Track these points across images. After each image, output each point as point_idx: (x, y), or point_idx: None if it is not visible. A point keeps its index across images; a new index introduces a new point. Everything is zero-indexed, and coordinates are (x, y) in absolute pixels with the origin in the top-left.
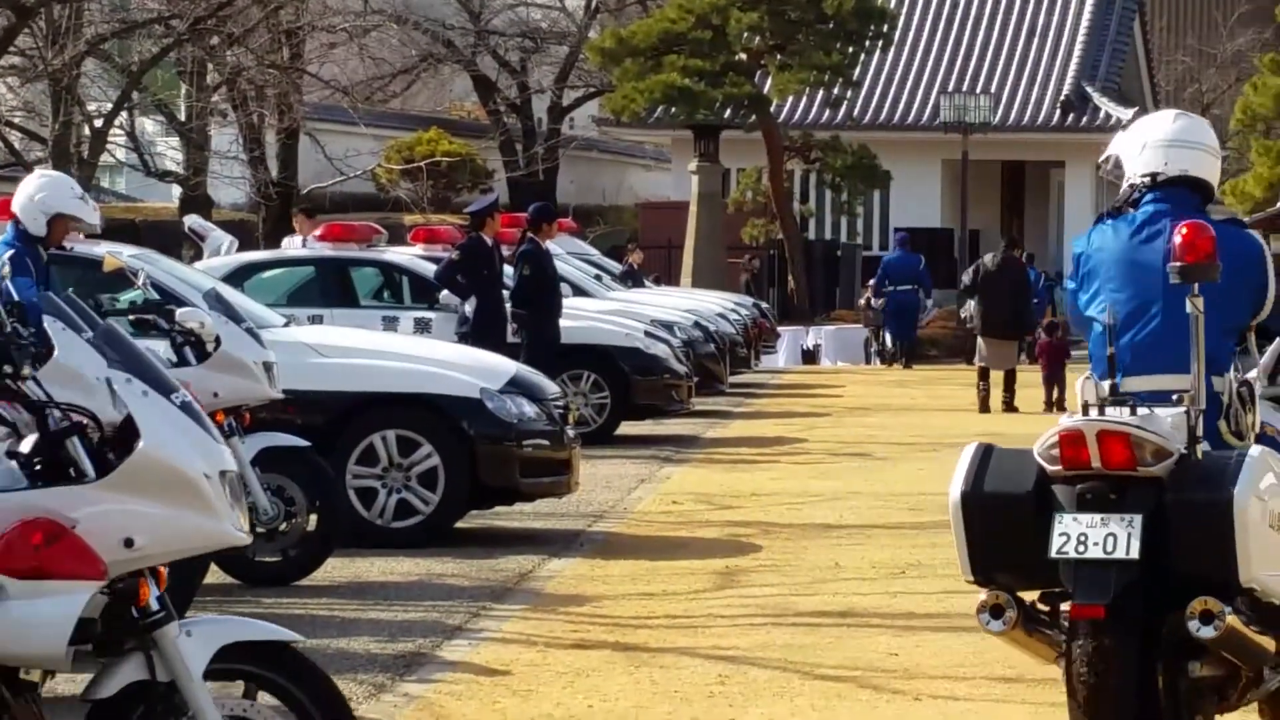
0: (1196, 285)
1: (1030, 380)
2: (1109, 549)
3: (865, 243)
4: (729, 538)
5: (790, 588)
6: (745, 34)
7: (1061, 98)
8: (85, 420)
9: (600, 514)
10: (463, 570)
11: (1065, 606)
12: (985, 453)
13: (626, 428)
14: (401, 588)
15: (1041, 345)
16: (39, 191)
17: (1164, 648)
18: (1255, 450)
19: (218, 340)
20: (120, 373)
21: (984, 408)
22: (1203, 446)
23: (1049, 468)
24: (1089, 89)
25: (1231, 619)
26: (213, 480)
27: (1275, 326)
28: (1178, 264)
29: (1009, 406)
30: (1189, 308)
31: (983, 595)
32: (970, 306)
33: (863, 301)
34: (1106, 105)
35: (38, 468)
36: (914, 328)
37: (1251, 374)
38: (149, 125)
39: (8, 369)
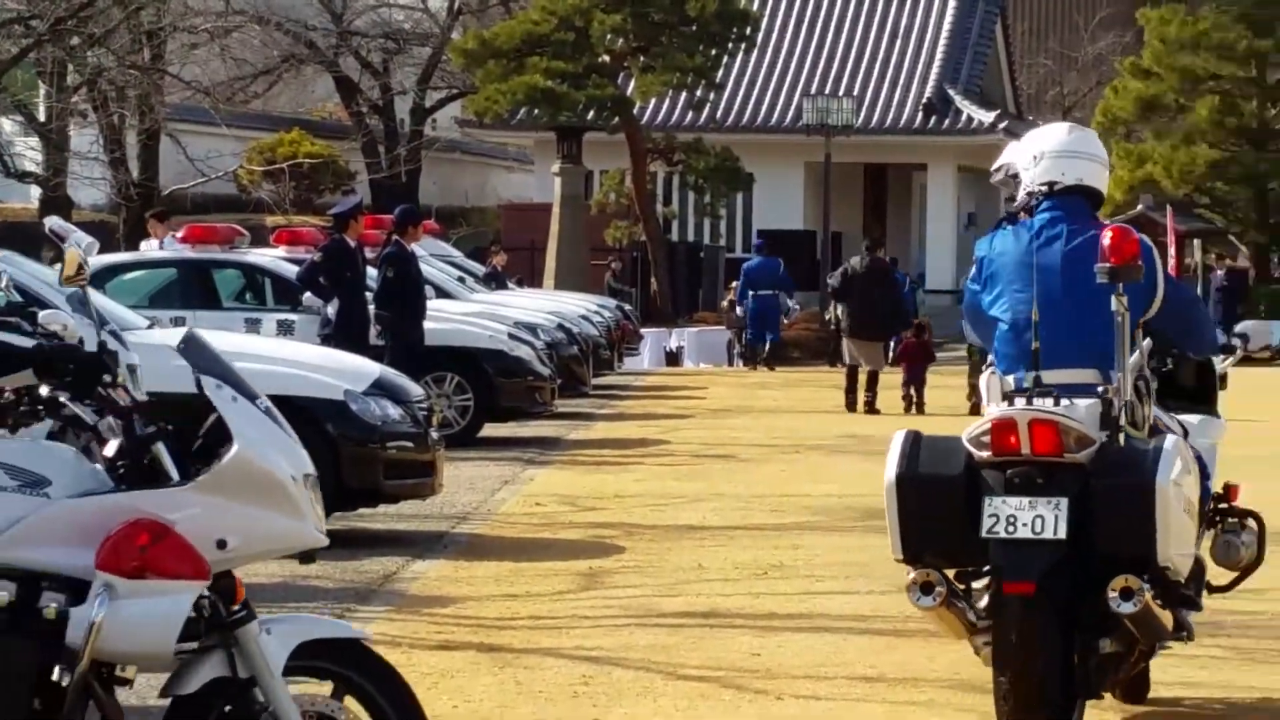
0: (1121, 285)
1: (889, 382)
2: (1037, 529)
3: (728, 245)
4: (592, 539)
5: (654, 588)
6: (608, 36)
7: (924, 100)
8: (169, 425)
9: (464, 515)
10: (326, 572)
11: (978, 585)
12: (915, 439)
13: (490, 430)
14: (265, 589)
15: (905, 346)
16: None
17: (1081, 625)
18: (1170, 440)
19: (81, 342)
20: (211, 378)
21: (851, 408)
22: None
23: (978, 454)
24: (951, 92)
25: (1148, 596)
26: (298, 482)
27: (1159, 325)
28: (1106, 265)
29: (870, 407)
30: (1114, 305)
31: (912, 573)
32: (837, 308)
33: (725, 303)
34: (968, 108)
35: (121, 471)
36: (777, 330)
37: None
38: (8, 125)
39: (106, 377)
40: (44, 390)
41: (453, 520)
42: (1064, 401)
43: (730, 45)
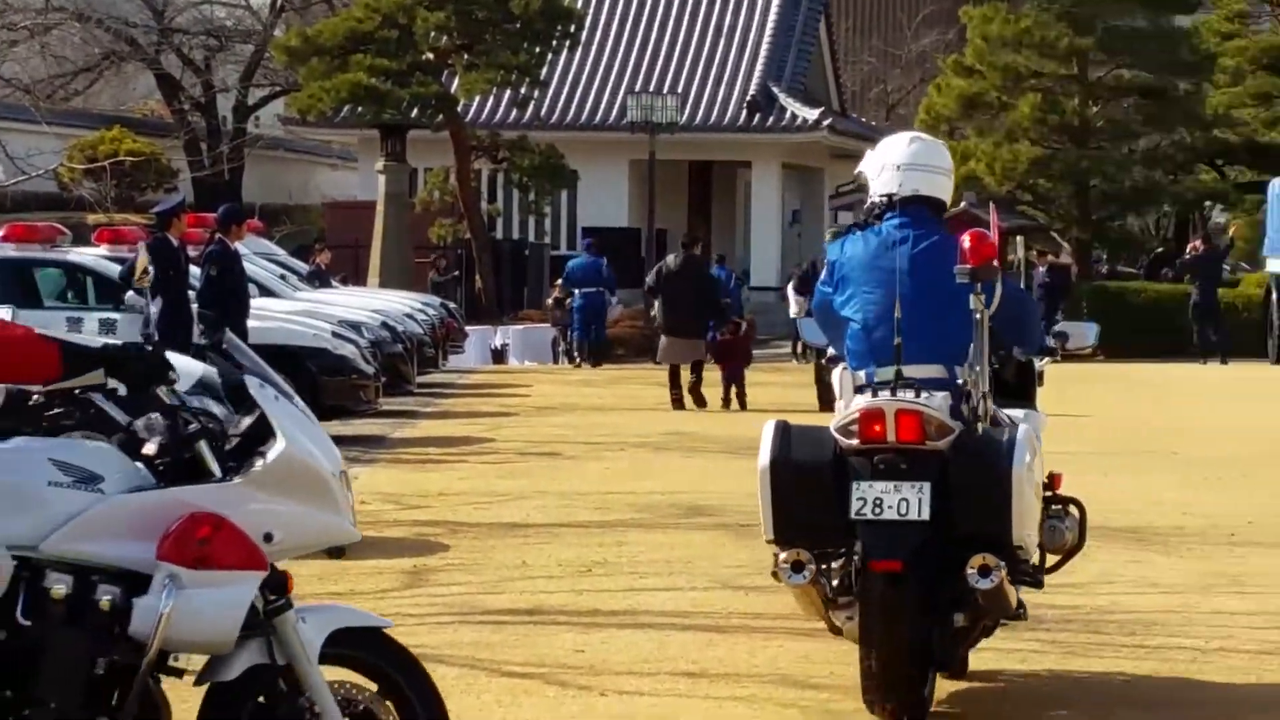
0: (980, 285)
1: (712, 379)
2: (903, 511)
3: (553, 242)
4: (416, 537)
5: (478, 586)
6: (432, 33)
7: (748, 98)
8: (213, 424)
9: None
10: None
11: (835, 565)
12: (785, 428)
13: None
14: None
15: (721, 345)
16: None
17: (938, 602)
18: (1022, 430)
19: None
20: (254, 378)
21: (677, 405)
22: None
23: (845, 441)
24: (775, 89)
25: (1004, 573)
26: (336, 478)
27: (996, 323)
28: (966, 267)
29: (695, 391)
30: (973, 304)
31: (784, 553)
32: (654, 306)
33: (550, 301)
34: (793, 106)
35: (161, 468)
36: (602, 328)
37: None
38: None
39: (171, 375)
40: (77, 391)
41: None
42: (924, 394)
43: (554, 43)
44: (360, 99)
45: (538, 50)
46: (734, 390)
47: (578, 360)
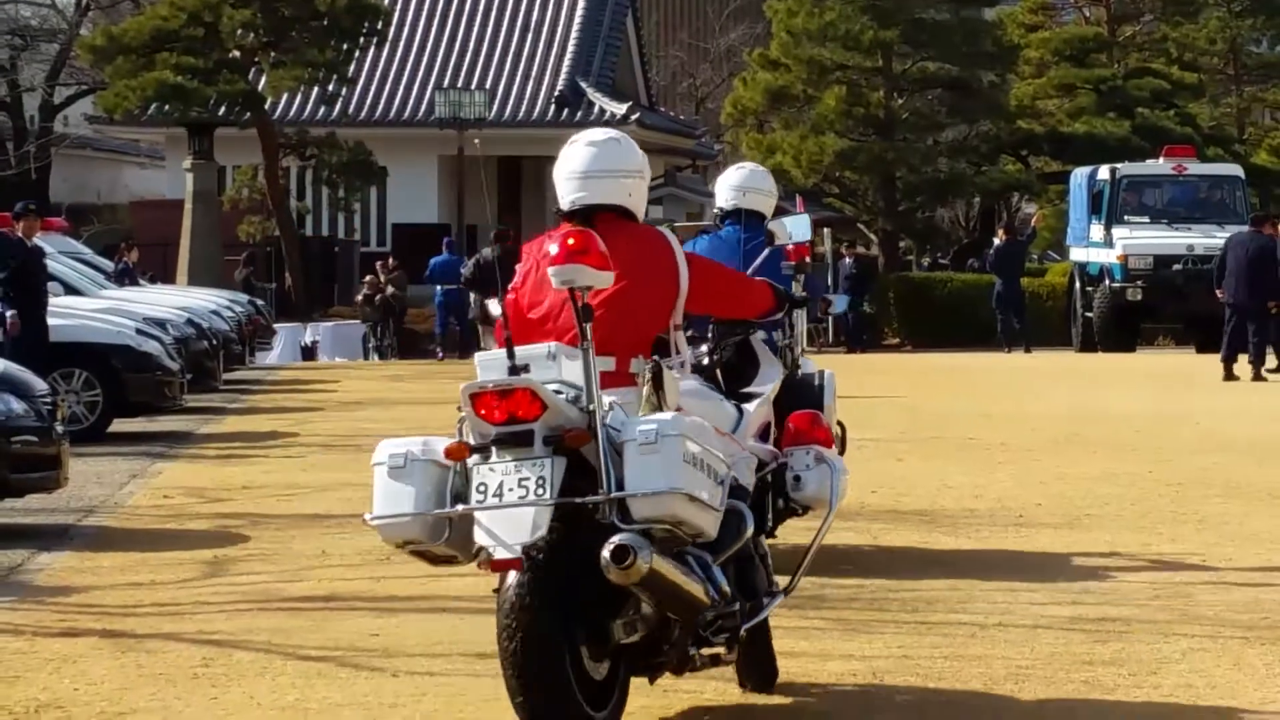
0: (804, 277)
1: None
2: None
3: (363, 239)
4: (219, 529)
5: (277, 575)
6: (238, 31)
7: (556, 93)
8: None
9: (91, 509)
10: None
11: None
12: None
13: (120, 425)
14: None
15: None
16: None
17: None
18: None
19: None
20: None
21: None
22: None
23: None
24: (583, 84)
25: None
26: None
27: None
28: (790, 264)
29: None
30: (795, 289)
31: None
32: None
33: (360, 298)
34: (601, 100)
35: None
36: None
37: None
38: None
39: None
40: None
41: (80, 513)
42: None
43: (362, 39)
44: (167, 97)
45: (345, 47)
46: None
47: (440, 355)
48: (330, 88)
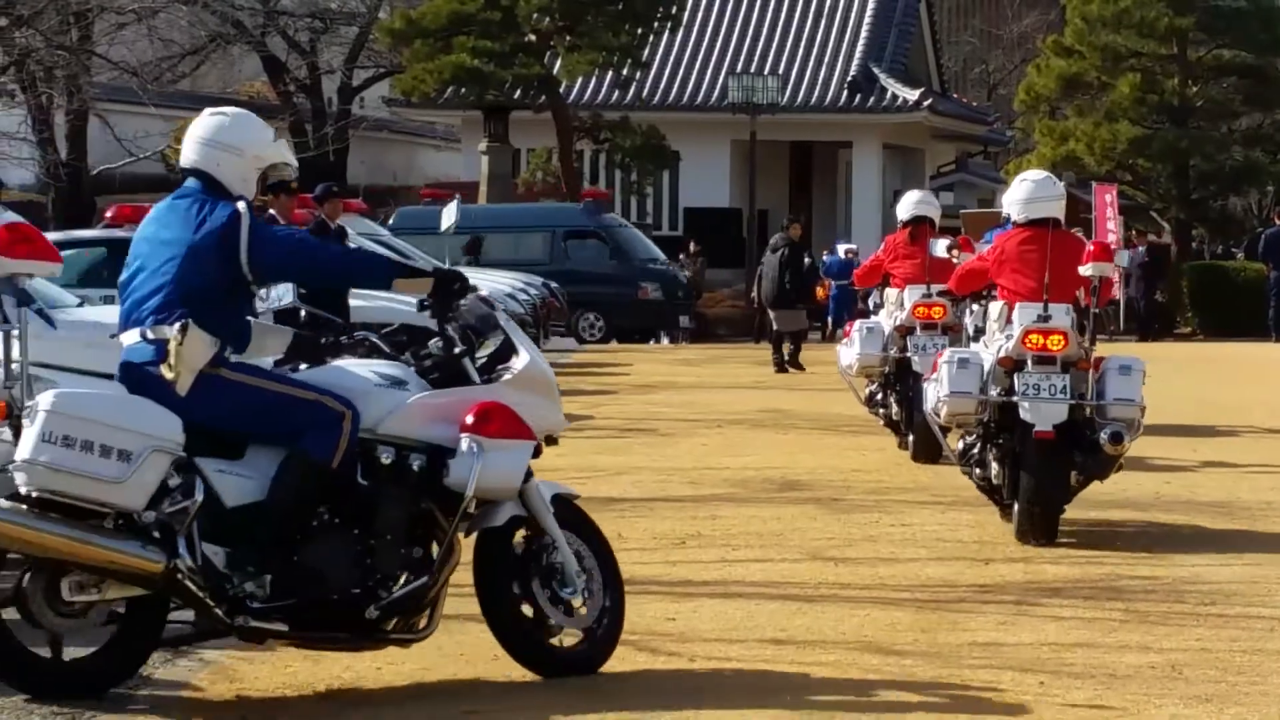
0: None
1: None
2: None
3: (655, 223)
4: None
5: None
6: (534, 15)
7: (849, 79)
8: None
9: None
10: None
11: None
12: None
13: None
14: None
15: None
16: None
17: None
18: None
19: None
20: (502, 314)
21: (780, 369)
22: None
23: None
24: (876, 70)
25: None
26: (555, 383)
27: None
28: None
29: (794, 363)
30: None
31: None
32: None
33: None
34: (893, 86)
35: (434, 378)
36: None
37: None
38: None
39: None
40: (358, 333)
41: None
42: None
43: (656, 24)
44: (463, 80)
45: (639, 31)
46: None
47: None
48: (624, 72)
